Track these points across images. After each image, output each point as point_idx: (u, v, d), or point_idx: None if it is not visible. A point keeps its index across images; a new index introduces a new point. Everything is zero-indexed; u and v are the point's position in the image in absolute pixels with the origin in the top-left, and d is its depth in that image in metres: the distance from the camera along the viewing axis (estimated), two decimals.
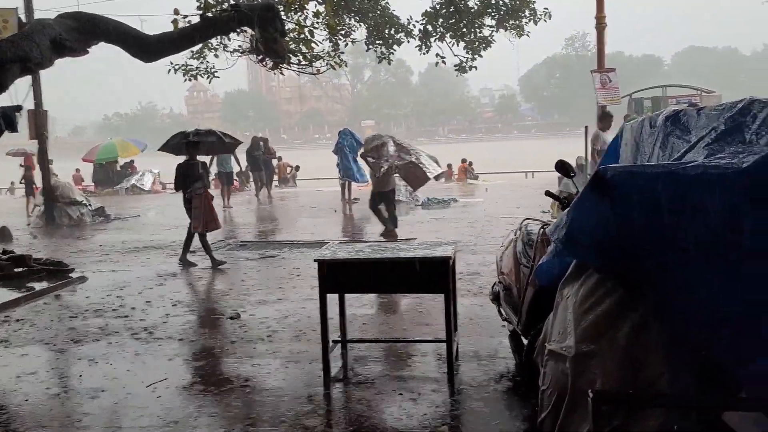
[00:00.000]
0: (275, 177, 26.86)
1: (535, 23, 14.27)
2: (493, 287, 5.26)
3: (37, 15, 13.85)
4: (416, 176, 10.97)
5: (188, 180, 9.05)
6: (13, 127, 6.80)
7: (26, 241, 12.32)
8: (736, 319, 2.34)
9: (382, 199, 10.86)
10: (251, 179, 21.65)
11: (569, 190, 8.38)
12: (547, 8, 14.17)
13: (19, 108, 7.12)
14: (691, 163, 2.40)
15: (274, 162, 23.80)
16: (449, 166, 27.53)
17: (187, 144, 9.50)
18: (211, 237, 11.48)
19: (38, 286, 7.91)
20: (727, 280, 2.30)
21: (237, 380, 4.60)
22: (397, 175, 10.97)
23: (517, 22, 14.23)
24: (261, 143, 19.47)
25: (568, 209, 2.68)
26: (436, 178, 11.85)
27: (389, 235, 10.61)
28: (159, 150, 10.50)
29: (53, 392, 4.51)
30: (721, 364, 2.48)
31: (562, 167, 4.05)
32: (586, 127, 10.82)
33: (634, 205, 2.40)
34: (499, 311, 5.04)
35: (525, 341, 4.13)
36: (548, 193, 4.38)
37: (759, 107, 2.53)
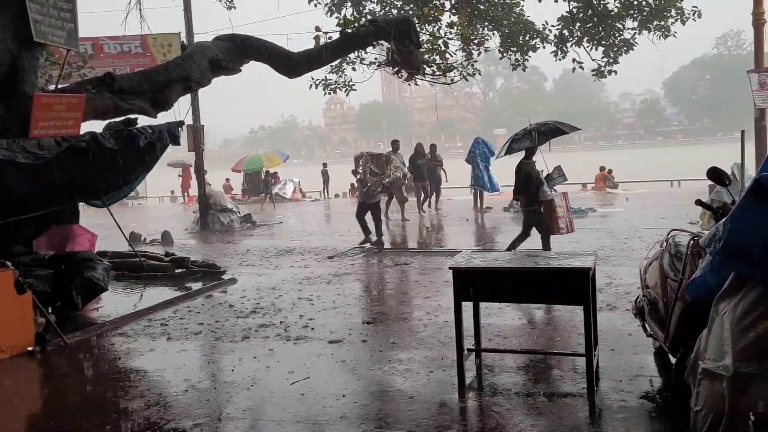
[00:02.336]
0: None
1: (683, 23, 13.45)
2: (636, 301, 5.03)
3: (196, 38, 15.13)
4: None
5: (536, 181, 8.45)
6: (176, 140, 7.48)
7: (185, 245, 13.43)
8: None
9: (368, 209, 11.61)
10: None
11: (722, 199, 7.83)
12: (696, 6, 13.31)
13: (181, 123, 7.83)
14: None
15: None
16: (583, 185, 26.35)
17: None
18: (347, 243, 11.93)
19: (195, 286, 8.64)
20: None
21: (373, 383, 4.73)
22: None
23: (663, 22, 13.48)
24: (427, 150, 17.46)
25: (724, 219, 2.52)
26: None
27: (367, 242, 11.41)
28: (505, 155, 9.90)
29: (207, 384, 4.89)
30: None
31: (715, 175, 3.81)
32: (743, 131, 9.97)
33: None
34: (644, 326, 4.81)
35: (672, 359, 3.91)
36: (699, 203, 4.12)
37: None
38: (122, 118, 7.55)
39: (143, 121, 7.67)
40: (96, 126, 7.58)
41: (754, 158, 12.11)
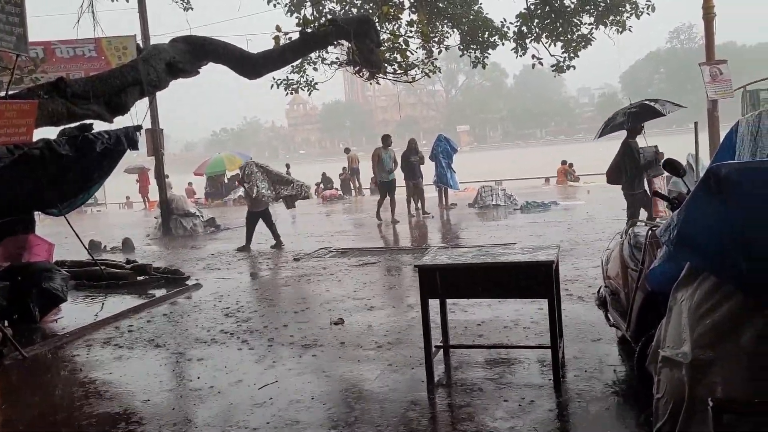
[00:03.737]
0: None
1: (638, 17, 13.71)
2: (598, 292, 5.12)
3: (152, 40, 14.86)
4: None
5: (642, 163, 7.90)
6: (134, 145, 7.33)
7: (147, 251, 13.20)
8: None
9: (259, 217, 12.18)
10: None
11: (679, 189, 8.01)
12: (649, 1, 13.58)
13: (139, 128, 7.67)
14: None
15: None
16: (545, 179, 26.72)
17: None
18: (312, 244, 11.86)
19: (158, 293, 8.47)
20: None
21: (342, 384, 4.72)
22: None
23: (618, 17, 13.72)
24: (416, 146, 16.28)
25: (678, 209, 2.57)
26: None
27: (245, 250, 11.90)
28: (599, 137, 9.09)
29: (173, 393, 4.81)
30: None
31: (671, 166, 3.88)
32: (696, 123, 10.27)
33: (752, 203, 2.27)
34: (606, 317, 4.89)
35: (635, 348, 3.98)
36: (656, 194, 4.20)
37: None
38: (77, 123, 7.36)
39: (99, 126, 7.49)
40: (50, 132, 7.37)
41: (708, 148, 12.42)
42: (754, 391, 2.29)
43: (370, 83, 13.16)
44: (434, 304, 4.82)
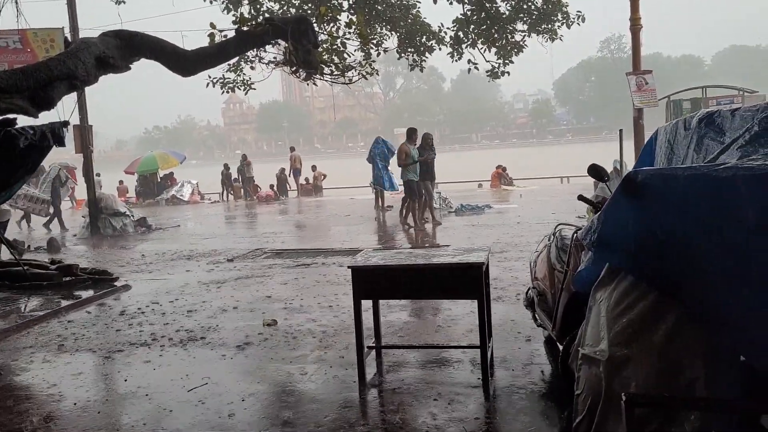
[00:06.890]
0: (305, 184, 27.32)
1: (568, 27, 14.17)
2: (527, 293, 5.27)
3: (82, 34, 14.33)
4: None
5: None
6: (60, 142, 7.06)
7: (74, 251, 12.71)
8: None
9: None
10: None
11: (605, 194, 8.33)
12: (580, 11, 14.07)
13: (66, 123, 7.39)
14: (723, 165, 2.39)
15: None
16: (479, 184, 27.32)
17: None
18: (247, 245, 11.69)
19: (85, 294, 8.19)
20: (764, 281, 2.28)
21: (274, 385, 4.69)
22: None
23: (550, 26, 14.14)
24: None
25: (598, 213, 2.70)
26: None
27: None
28: None
29: (100, 397, 4.66)
30: (758, 367, 2.46)
31: (595, 171, 4.04)
32: (621, 130, 10.73)
33: (665, 207, 2.40)
34: (534, 317, 5.05)
35: (560, 347, 4.13)
36: (581, 198, 4.36)
37: None
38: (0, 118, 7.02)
39: (24, 121, 7.17)
40: None
41: (633, 155, 12.97)
42: (664, 385, 2.43)
43: (307, 84, 13.09)
44: (367, 304, 4.85)
